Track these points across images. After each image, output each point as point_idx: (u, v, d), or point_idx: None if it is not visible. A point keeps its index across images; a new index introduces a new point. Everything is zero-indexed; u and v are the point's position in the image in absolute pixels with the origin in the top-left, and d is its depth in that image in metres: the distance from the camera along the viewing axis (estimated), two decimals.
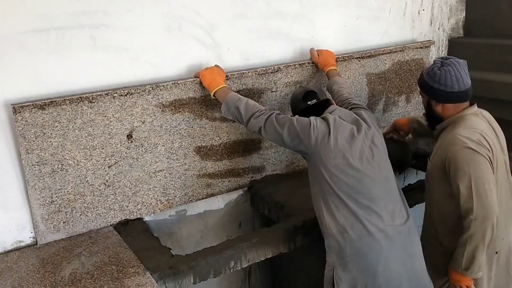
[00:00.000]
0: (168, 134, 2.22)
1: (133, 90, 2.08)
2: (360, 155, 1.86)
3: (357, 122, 1.93)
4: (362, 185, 1.84)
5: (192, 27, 2.26)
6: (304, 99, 2.05)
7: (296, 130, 1.89)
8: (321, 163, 1.86)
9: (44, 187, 2.00)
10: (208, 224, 2.59)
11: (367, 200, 1.83)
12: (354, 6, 2.76)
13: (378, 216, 1.83)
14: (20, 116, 1.88)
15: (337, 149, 1.84)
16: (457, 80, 1.95)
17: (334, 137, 1.85)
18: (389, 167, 1.96)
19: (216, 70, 2.22)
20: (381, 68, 2.84)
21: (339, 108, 2.03)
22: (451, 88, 1.95)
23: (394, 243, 1.82)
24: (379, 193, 1.86)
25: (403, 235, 1.85)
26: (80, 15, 1.98)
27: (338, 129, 1.87)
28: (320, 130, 1.87)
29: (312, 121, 1.89)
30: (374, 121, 2.02)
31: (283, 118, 1.94)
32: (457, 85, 1.95)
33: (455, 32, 3.27)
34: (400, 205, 1.91)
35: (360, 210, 1.82)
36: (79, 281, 1.80)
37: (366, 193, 1.84)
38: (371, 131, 1.93)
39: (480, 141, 1.89)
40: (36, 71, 1.95)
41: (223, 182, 2.47)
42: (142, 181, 2.22)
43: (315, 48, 2.56)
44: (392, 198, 1.89)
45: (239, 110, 2.03)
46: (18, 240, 2.07)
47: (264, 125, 1.96)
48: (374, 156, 1.88)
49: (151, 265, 1.90)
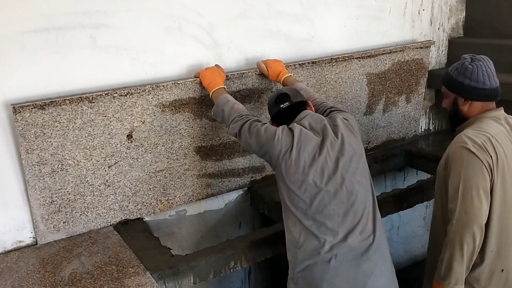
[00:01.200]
0: (168, 134, 2.23)
1: (133, 90, 2.08)
2: (321, 170, 1.77)
3: (325, 132, 1.82)
4: (319, 202, 1.75)
5: (192, 27, 2.26)
6: (276, 102, 1.93)
7: (262, 141, 1.83)
8: (281, 177, 1.80)
9: (44, 187, 2.00)
10: (208, 224, 2.59)
11: (322, 216, 1.75)
12: (354, 6, 2.76)
13: (334, 233, 1.74)
14: (20, 116, 1.88)
15: (298, 165, 1.77)
16: (488, 76, 1.86)
17: (297, 152, 1.77)
18: (360, 178, 1.81)
19: (216, 70, 2.22)
20: (381, 68, 2.84)
21: (311, 114, 1.90)
22: (483, 84, 1.85)
23: (345, 261, 1.72)
24: (338, 209, 1.76)
25: (359, 252, 1.74)
26: (80, 15, 1.98)
27: (302, 142, 1.78)
28: (283, 143, 1.79)
29: (277, 132, 1.82)
30: (352, 125, 1.90)
31: (255, 126, 1.87)
32: (489, 81, 1.86)
33: (455, 32, 3.27)
34: (366, 220, 1.79)
35: (315, 226, 1.75)
36: (79, 281, 1.80)
37: (323, 209, 1.75)
38: (338, 141, 1.81)
39: (484, 144, 1.77)
40: (36, 71, 1.95)
41: (223, 182, 2.47)
42: (142, 181, 2.22)
43: None
44: (355, 213, 1.77)
45: (224, 113, 2.02)
46: (18, 240, 2.07)
47: (239, 131, 1.92)
48: (338, 170, 1.77)
49: (151, 265, 1.90)
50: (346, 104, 2.76)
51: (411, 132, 3.18)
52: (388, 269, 1.80)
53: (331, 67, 2.63)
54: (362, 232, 1.77)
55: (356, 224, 1.76)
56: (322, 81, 2.62)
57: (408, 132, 3.16)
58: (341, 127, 1.85)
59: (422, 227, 3.63)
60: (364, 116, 2.87)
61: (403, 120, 3.09)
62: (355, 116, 2.83)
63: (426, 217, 3.61)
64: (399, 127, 3.09)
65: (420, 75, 3.03)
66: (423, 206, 3.53)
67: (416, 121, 3.17)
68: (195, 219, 2.53)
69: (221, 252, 2.01)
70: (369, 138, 2.97)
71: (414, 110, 3.11)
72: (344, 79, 2.70)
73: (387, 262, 1.81)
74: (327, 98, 2.66)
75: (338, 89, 2.69)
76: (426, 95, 3.20)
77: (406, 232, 3.55)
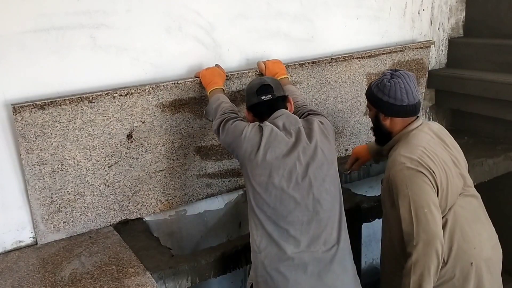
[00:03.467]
0: (168, 134, 2.23)
1: (133, 90, 2.08)
2: (289, 174, 1.71)
3: (298, 134, 1.77)
4: (283, 207, 1.70)
5: (192, 27, 2.26)
6: (258, 92, 1.85)
7: (230, 138, 1.80)
8: (247, 177, 1.75)
9: (44, 187, 2.00)
10: (208, 224, 2.59)
11: (286, 223, 1.70)
12: (354, 6, 2.76)
13: (296, 241, 1.69)
14: (20, 116, 1.88)
15: (264, 166, 1.71)
16: (406, 93, 1.86)
17: (264, 153, 1.72)
18: (328, 186, 1.76)
19: (216, 70, 2.22)
20: (381, 68, 2.83)
21: (287, 114, 1.84)
22: (401, 102, 1.86)
23: (307, 271, 1.67)
24: (302, 216, 1.71)
25: (322, 263, 1.69)
26: (80, 15, 1.98)
27: (271, 143, 1.73)
28: (250, 142, 1.74)
29: (245, 130, 1.77)
30: (328, 129, 1.84)
31: (228, 123, 1.83)
32: (407, 98, 1.86)
33: (455, 32, 3.26)
34: (331, 229, 1.73)
35: (277, 232, 1.70)
36: (79, 281, 1.80)
37: (287, 215, 1.70)
38: (311, 146, 1.76)
39: (421, 159, 1.78)
40: (36, 71, 1.95)
41: (223, 182, 2.47)
42: (142, 181, 2.22)
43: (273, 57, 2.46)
44: (320, 222, 1.72)
45: (212, 111, 2.01)
46: (18, 240, 2.07)
47: (217, 129, 1.89)
48: (307, 176, 1.72)
49: (151, 265, 1.90)
50: (346, 104, 2.76)
51: None
52: (351, 281, 1.76)
53: (331, 67, 2.63)
54: (326, 242, 1.72)
55: (319, 234, 1.72)
56: (322, 81, 2.62)
57: None
58: (316, 132, 1.80)
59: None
60: (364, 116, 2.87)
61: None
62: (355, 116, 2.83)
63: None
64: None
65: (420, 75, 3.03)
66: None
67: None
68: (195, 219, 2.52)
69: (221, 252, 2.01)
70: (369, 138, 2.96)
71: None
72: (344, 79, 2.70)
73: (349, 274, 1.76)
74: (327, 98, 2.66)
75: (338, 89, 2.70)
76: (426, 95, 3.20)
77: None
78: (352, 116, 2.82)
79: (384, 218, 2.02)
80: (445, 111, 3.35)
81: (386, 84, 1.89)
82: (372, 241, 3.34)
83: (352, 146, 2.90)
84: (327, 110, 2.68)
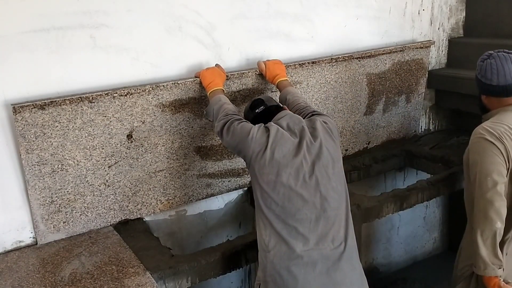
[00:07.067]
0: (168, 134, 2.23)
1: (133, 90, 2.08)
2: (296, 172, 1.73)
3: (302, 134, 1.79)
4: (291, 205, 1.72)
5: (192, 27, 2.26)
6: (251, 108, 1.97)
7: (237, 139, 1.81)
8: (255, 177, 1.77)
9: (44, 187, 2.00)
10: (208, 224, 2.59)
11: (294, 221, 1.72)
12: (354, 6, 2.76)
13: (305, 239, 1.71)
14: (20, 116, 1.88)
15: (272, 165, 1.73)
16: (497, 74, 1.94)
17: (271, 152, 1.74)
18: (335, 184, 1.78)
19: (216, 70, 2.22)
20: (381, 68, 2.84)
21: (290, 114, 1.89)
22: (490, 81, 1.96)
23: (316, 269, 1.69)
24: (311, 214, 1.73)
25: (331, 261, 1.70)
26: (80, 15, 1.98)
27: (278, 142, 1.75)
28: (258, 142, 1.77)
29: (252, 131, 1.79)
30: (331, 129, 1.86)
31: (232, 124, 1.85)
32: (497, 78, 1.94)
33: (455, 32, 3.26)
34: (338, 227, 1.76)
35: (286, 231, 1.71)
36: (79, 281, 1.80)
37: (295, 213, 1.72)
38: (316, 144, 1.78)
39: (500, 133, 1.87)
40: (36, 71, 1.95)
41: (223, 182, 2.47)
42: (142, 181, 2.22)
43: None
44: (328, 220, 1.74)
45: (213, 112, 2.01)
46: (18, 240, 2.07)
47: (220, 130, 1.90)
48: (314, 174, 1.75)
49: (151, 265, 1.90)
50: (346, 104, 2.76)
51: (411, 132, 3.18)
52: (358, 280, 1.77)
53: (331, 67, 2.63)
54: (334, 240, 1.73)
55: (327, 231, 1.74)
56: (322, 81, 2.62)
57: (408, 132, 3.16)
58: (319, 131, 1.82)
59: (422, 227, 3.62)
60: (364, 116, 2.87)
61: (403, 120, 3.09)
62: (355, 116, 2.83)
63: (426, 217, 3.61)
64: (399, 127, 3.09)
65: (420, 75, 3.03)
66: (423, 206, 3.53)
67: (416, 121, 3.18)
68: (195, 219, 2.53)
69: (221, 252, 2.01)
70: (369, 138, 2.97)
71: (414, 110, 3.11)
72: (344, 79, 2.70)
73: (357, 272, 1.77)
74: (327, 98, 2.66)
75: (338, 89, 2.70)
76: (426, 95, 3.20)
77: (406, 232, 3.55)
78: (352, 116, 2.82)
79: (465, 192, 2.11)
80: (445, 111, 3.35)
81: (480, 63, 2.02)
82: (372, 241, 3.35)
83: (352, 146, 2.90)
84: (327, 110, 2.68)
